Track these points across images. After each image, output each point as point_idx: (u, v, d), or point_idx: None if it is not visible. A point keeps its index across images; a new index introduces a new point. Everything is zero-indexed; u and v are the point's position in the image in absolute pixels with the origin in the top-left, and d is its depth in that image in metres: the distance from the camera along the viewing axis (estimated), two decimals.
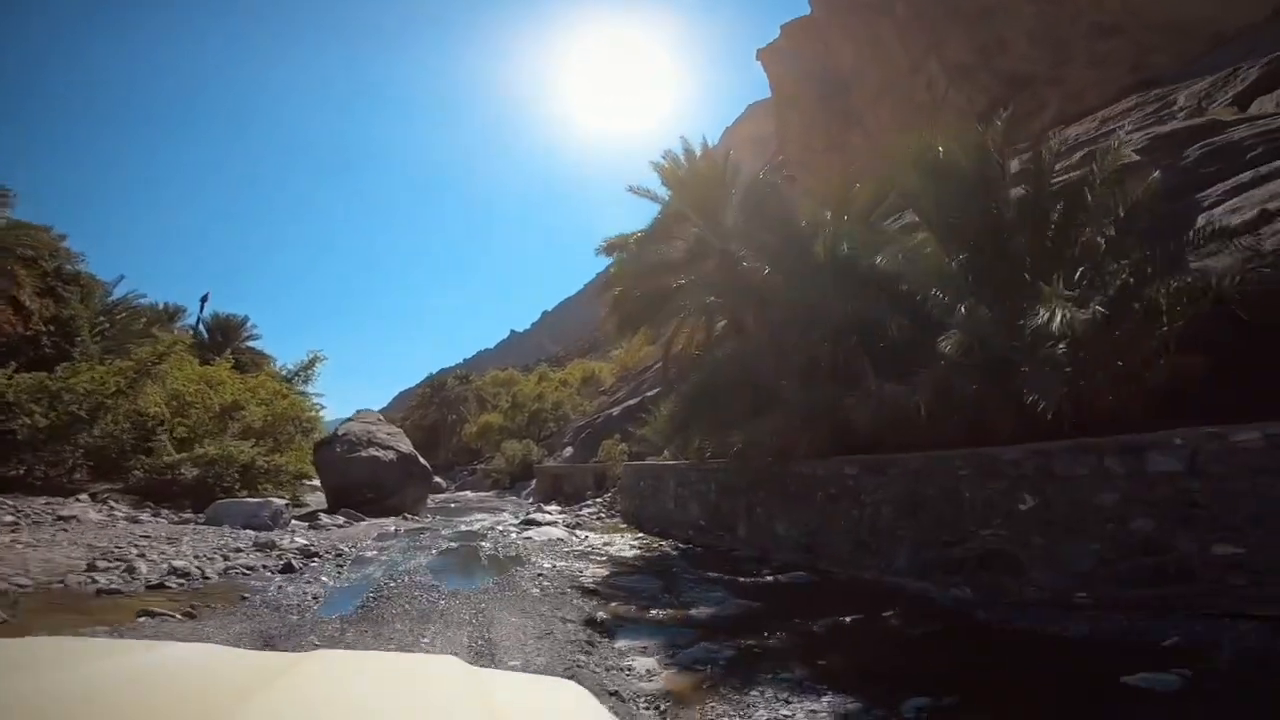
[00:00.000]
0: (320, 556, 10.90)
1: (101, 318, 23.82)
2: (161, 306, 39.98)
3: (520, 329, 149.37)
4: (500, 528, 16.22)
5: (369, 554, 11.59)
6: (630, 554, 12.12)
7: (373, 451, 21.46)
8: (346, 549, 11.92)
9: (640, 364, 50.66)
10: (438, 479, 46.77)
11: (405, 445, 22.90)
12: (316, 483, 22.98)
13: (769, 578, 8.97)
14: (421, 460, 23.06)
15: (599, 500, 21.57)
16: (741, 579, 8.88)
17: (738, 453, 11.67)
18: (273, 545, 11.06)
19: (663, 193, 17.56)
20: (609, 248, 17.51)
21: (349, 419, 23.98)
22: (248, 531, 13.02)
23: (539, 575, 9.26)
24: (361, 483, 20.88)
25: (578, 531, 15.51)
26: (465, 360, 55.09)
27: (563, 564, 10.58)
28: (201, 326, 38.66)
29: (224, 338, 38.23)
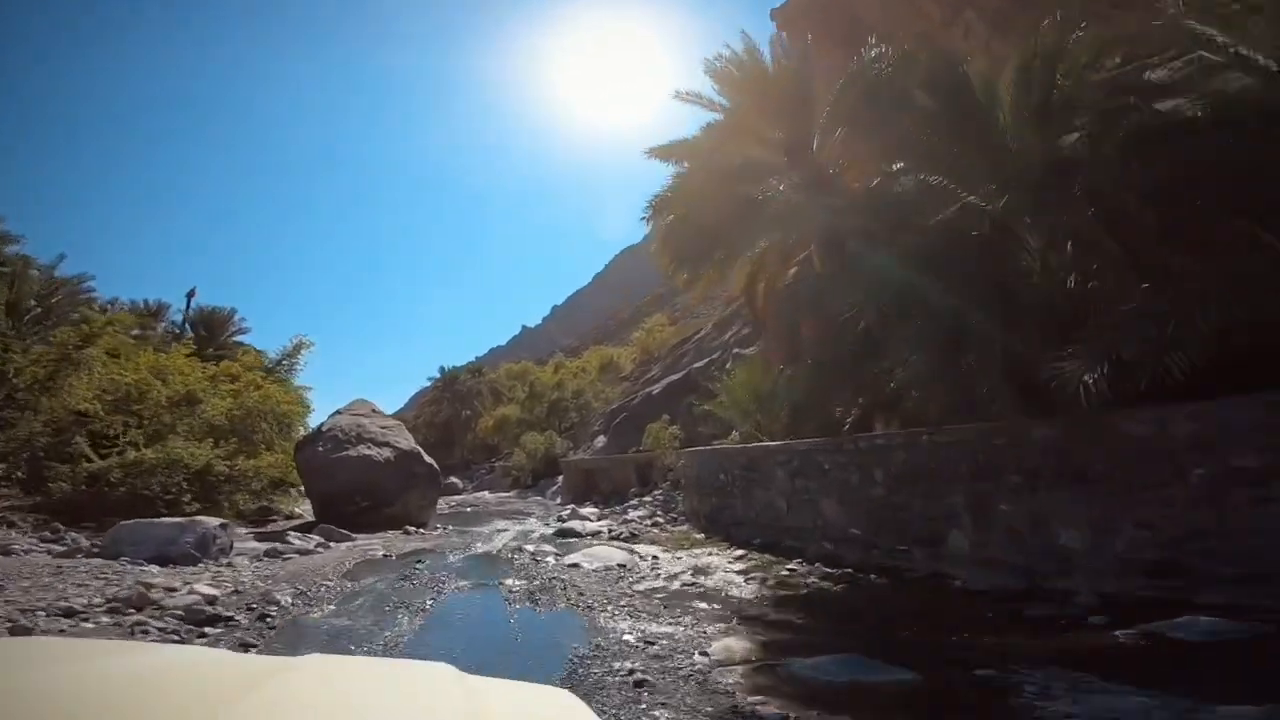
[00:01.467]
0: (225, 621, 6.08)
1: (32, 302, 19.09)
2: (143, 304, 35.59)
3: (531, 324, 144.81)
4: (531, 547, 11.38)
5: (314, 614, 6.72)
6: (751, 590, 7.26)
7: (364, 450, 16.68)
8: (286, 600, 7.10)
9: (663, 344, 45.88)
10: (453, 479, 42.15)
11: (406, 441, 18.11)
12: None
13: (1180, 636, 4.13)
14: (427, 459, 18.26)
15: (647, 499, 16.72)
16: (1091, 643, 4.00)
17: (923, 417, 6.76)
18: (148, 601, 6.27)
19: (710, 109, 12.60)
20: (662, 153, 12.57)
21: (337, 412, 19.23)
22: (149, 568, 8.29)
23: (640, 681, 4.34)
24: (351, 489, 16.11)
25: (638, 548, 10.68)
26: (478, 358, 50.98)
27: (658, 626, 5.74)
28: (185, 322, 34.11)
29: (209, 332, 33.60)
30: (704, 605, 6.64)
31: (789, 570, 8.01)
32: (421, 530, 15.88)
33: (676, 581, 7.84)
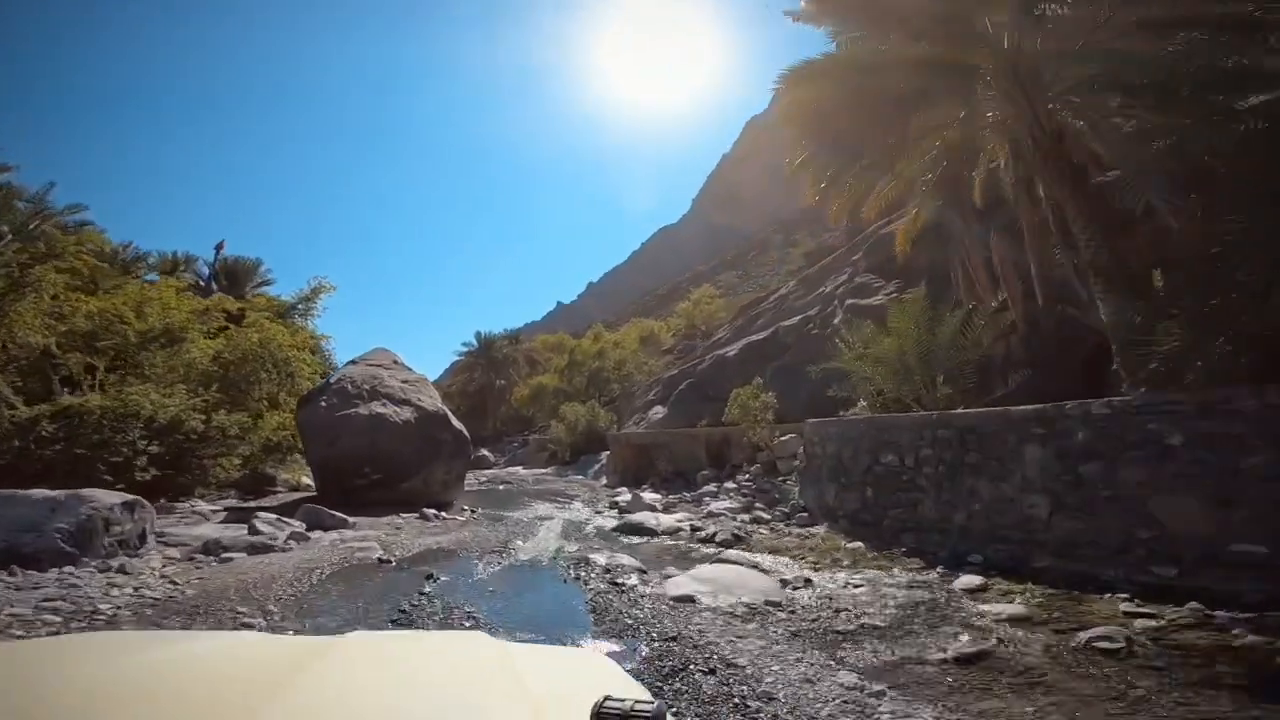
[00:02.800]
0: None
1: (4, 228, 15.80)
2: (171, 255, 32.91)
3: (567, 300, 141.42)
4: (600, 558, 7.46)
5: None
6: (1152, 681, 3.23)
7: (377, 408, 13.02)
8: None
9: (711, 316, 41.66)
10: (484, 452, 38.77)
11: (430, 400, 14.43)
12: None
13: None
14: (455, 423, 14.58)
15: (730, 485, 12.75)
16: None
17: None
18: None
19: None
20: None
21: (350, 362, 15.66)
22: None
23: None
24: (357, 457, 12.50)
25: (761, 560, 6.74)
26: (512, 331, 47.86)
27: None
28: (211, 274, 31.24)
29: (231, 282, 30.58)
30: None
31: (1149, 617, 3.95)
32: (443, 514, 12.19)
33: (927, 647, 3.86)
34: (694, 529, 9.66)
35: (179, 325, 13.38)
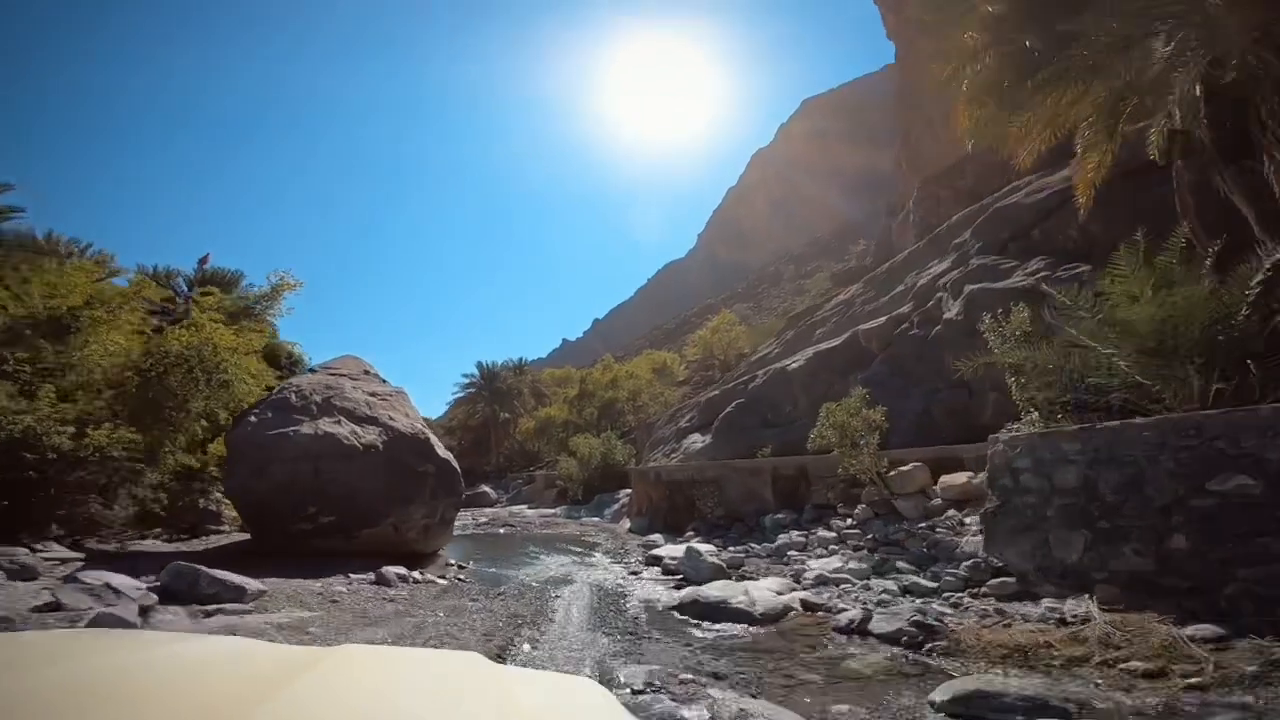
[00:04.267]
0: None
1: None
2: (151, 269, 29.77)
3: (572, 338, 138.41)
4: (697, 710, 3.54)
5: None
6: None
7: (327, 426, 9.26)
8: None
9: (731, 345, 38.10)
10: (485, 489, 34.64)
11: (408, 420, 10.66)
12: None
13: None
14: (441, 451, 10.78)
15: (825, 533, 8.84)
16: None
17: None
18: None
19: None
20: None
21: (310, 369, 11.96)
22: None
23: None
24: (296, 491, 8.69)
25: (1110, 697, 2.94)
26: (516, 362, 44.12)
27: None
28: (191, 286, 27.92)
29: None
30: None
31: None
32: (416, 575, 8.31)
33: None
34: (815, 607, 5.81)
35: (78, 312, 9.79)
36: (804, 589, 6.66)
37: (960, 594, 5.66)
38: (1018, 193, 12.21)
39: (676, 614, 6.19)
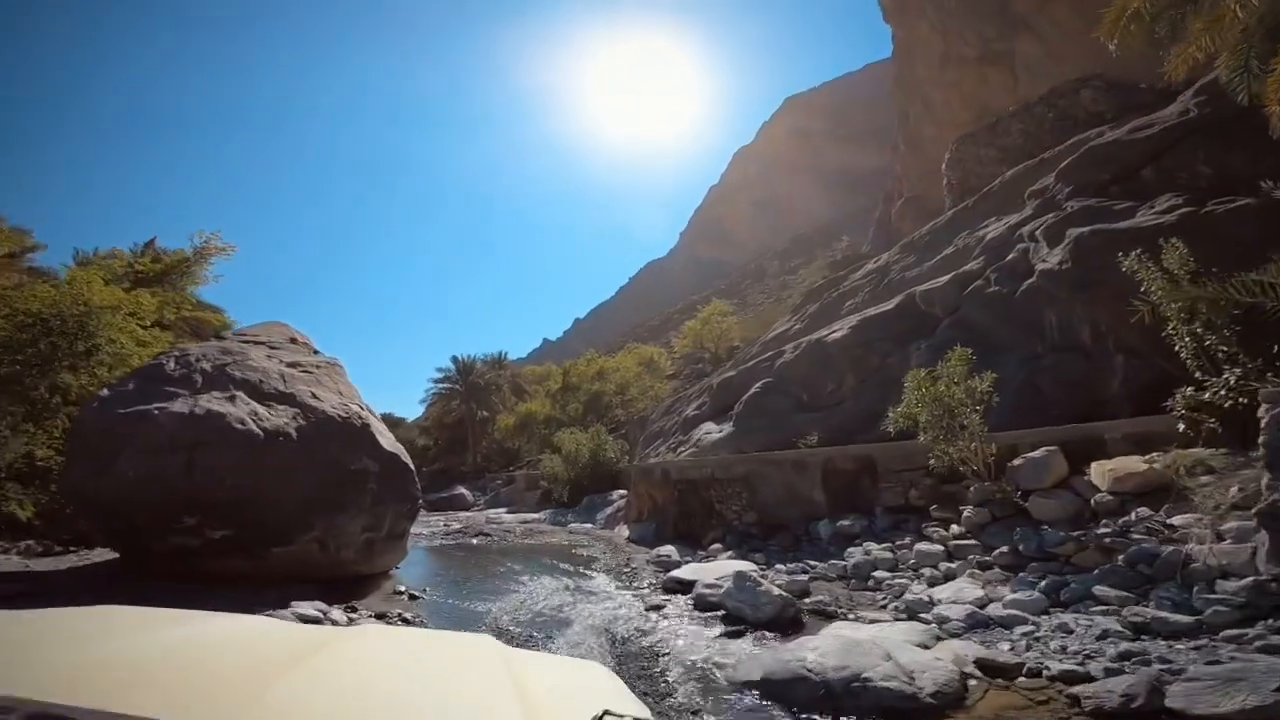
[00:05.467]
0: None
1: None
2: (93, 251, 26.44)
3: (553, 337, 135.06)
4: None
5: None
6: None
7: (212, 403, 6.41)
8: None
9: (723, 336, 35.64)
10: (461, 490, 31.51)
11: (341, 400, 7.80)
12: None
13: None
14: (386, 443, 7.96)
15: (929, 546, 6.25)
16: None
17: None
18: None
19: None
20: None
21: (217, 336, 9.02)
22: None
23: None
24: (161, 492, 5.83)
25: None
26: (494, 356, 41.07)
27: None
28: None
29: (155, 278, 23.95)
30: None
31: None
32: (339, 614, 5.54)
33: None
34: (1009, 671, 3.23)
35: None
36: (956, 636, 4.06)
37: (1249, 630, 3.15)
38: (1114, 132, 9.90)
39: (759, 697, 3.54)
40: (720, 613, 5.60)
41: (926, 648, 3.84)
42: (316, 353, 8.87)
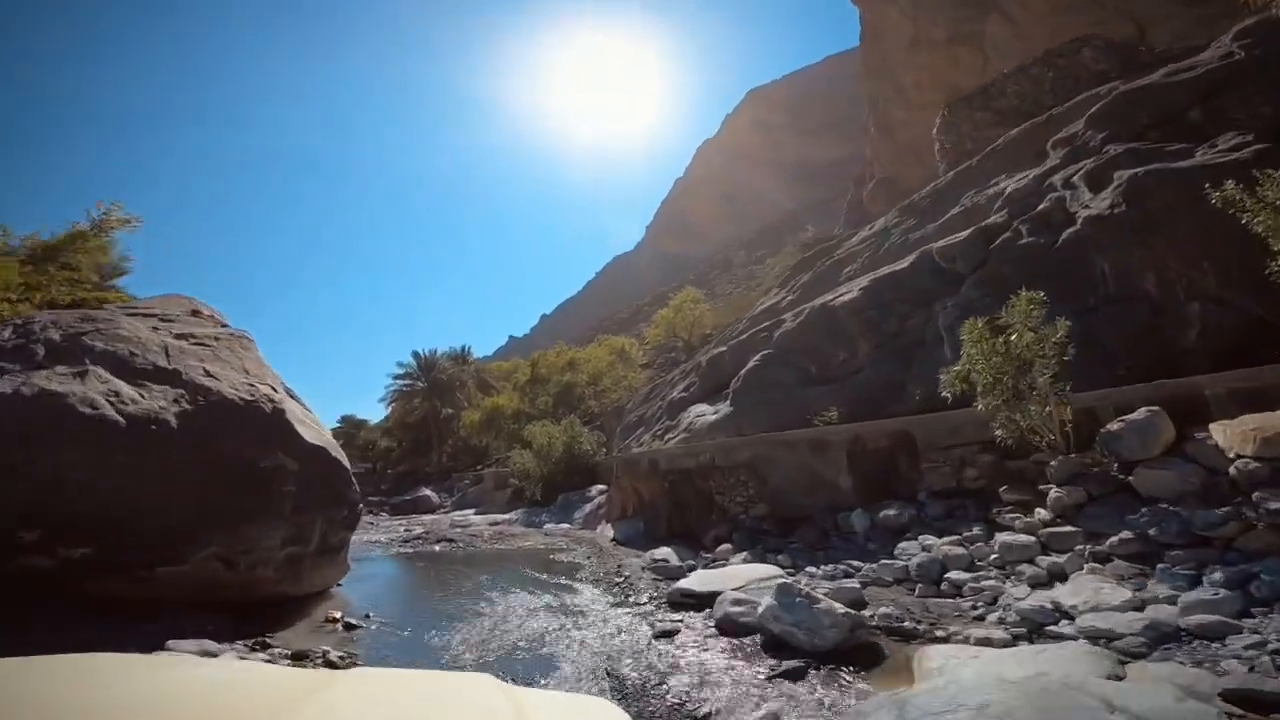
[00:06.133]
0: None
1: None
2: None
3: (519, 334, 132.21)
4: None
5: None
6: None
7: (52, 383, 4.62)
8: None
9: (696, 324, 34.32)
10: (426, 492, 29.36)
11: (245, 380, 6.04)
12: None
13: None
14: (310, 435, 6.24)
15: (1018, 538, 4.93)
16: None
17: None
18: None
19: None
20: None
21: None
22: None
23: None
24: None
25: None
26: (457, 350, 38.71)
27: None
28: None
29: (45, 254, 21.18)
30: None
31: None
32: (241, 654, 3.82)
33: None
34: None
35: None
36: (1141, 657, 2.69)
37: None
38: (1145, 79, 8.85)
39: None
40: (756, 638, 4.17)
41: (1119, 679, 2.47)
42: (224, 325, 7.06)
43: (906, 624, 4.05)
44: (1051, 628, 3.43)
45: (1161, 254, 6.63)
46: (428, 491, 28.69)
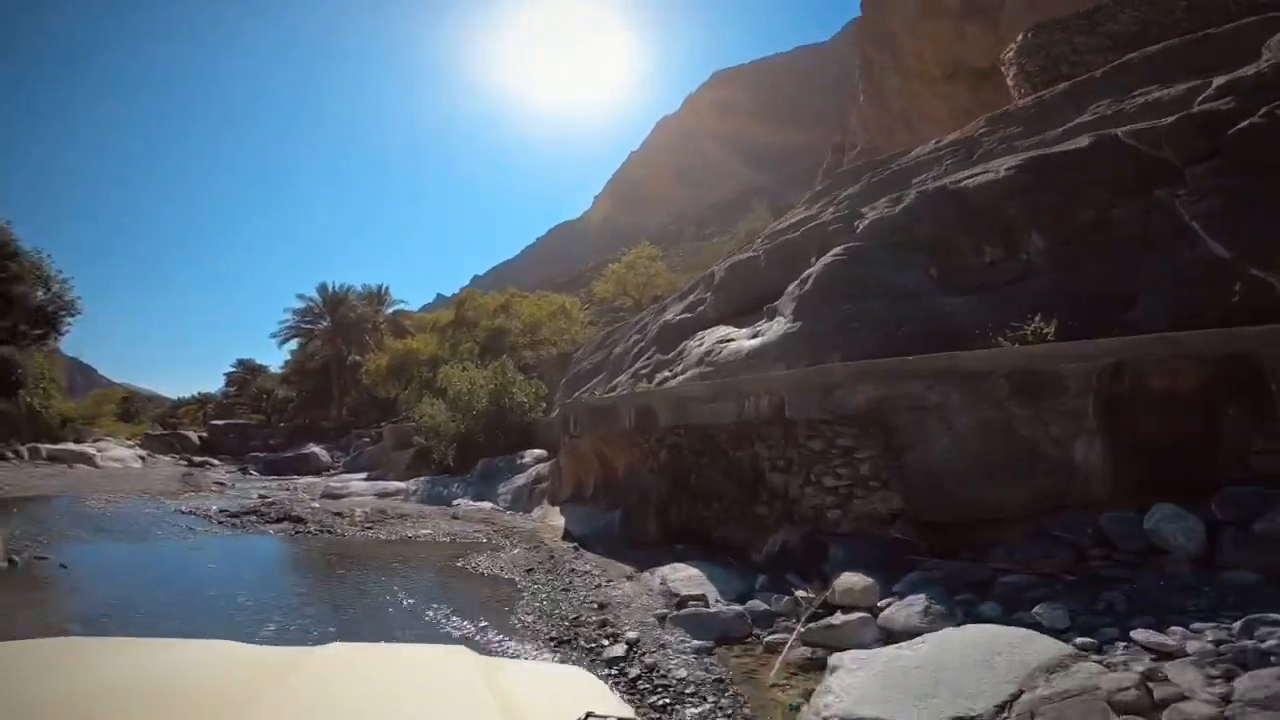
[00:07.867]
0: None
1: None
2: None
3: (448, 293, 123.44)
4: None
5: None
6: None
7: None
8: None
9: (649, 283, 30.25)
10: (315, 449, 23.79)
11: None
12: None
13: None
14: None
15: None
16: None
17: None
18: None
19: None
20: None
21: None
22: None
23: None
24: None
25: None
26: (371, 289, 32.21)
27: None
28: None
29: None
30: None
31: None
32: None
33: None
34: None
35: None
36: None
37: None
38: None
39: None
40: None
41: None
42: None
43: None
44: None
45: None
46: (317, 449, 23.26)
